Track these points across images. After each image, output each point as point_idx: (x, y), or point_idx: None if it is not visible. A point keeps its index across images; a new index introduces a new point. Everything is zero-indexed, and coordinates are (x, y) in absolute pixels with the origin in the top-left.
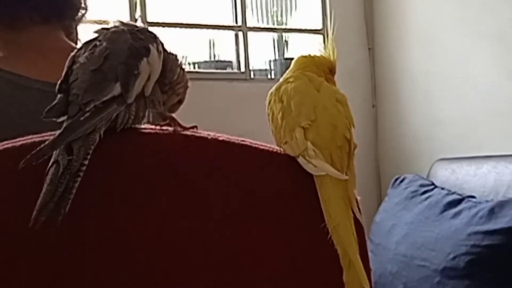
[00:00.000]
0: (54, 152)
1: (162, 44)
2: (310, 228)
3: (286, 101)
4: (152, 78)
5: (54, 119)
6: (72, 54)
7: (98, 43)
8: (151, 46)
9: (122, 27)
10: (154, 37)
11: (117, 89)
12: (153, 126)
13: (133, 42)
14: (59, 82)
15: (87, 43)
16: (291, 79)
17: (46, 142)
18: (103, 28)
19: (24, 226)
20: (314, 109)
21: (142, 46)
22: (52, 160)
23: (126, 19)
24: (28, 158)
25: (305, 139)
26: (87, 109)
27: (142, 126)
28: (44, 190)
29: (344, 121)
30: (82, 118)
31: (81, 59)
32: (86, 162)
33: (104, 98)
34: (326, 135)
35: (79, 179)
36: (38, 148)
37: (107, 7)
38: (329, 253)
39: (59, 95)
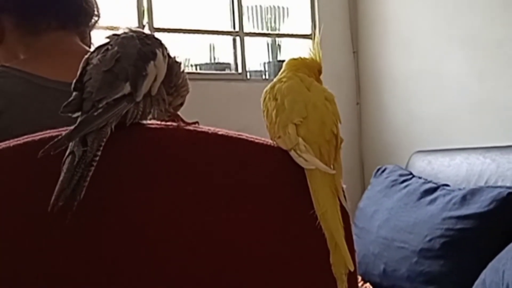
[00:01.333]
0: (70, 144)
1: (167, 50)
2: (300, 214)
3: (280, 99)
4: (158, 79)
5: (70, 115)
6: (86, 56)
7: (110, 47)
8: (157, 51)
9: (131, 33)
10: (160, 43)
11: (127, 88)
12: (159, 122)
13: (141, 47)
14: (74, 81)
15: (99, 47)
16: (284, 79)
17: (63, 134)
18: (114, 34)
19: (43, 212)
20: (305, 106)
21: (149, 50)
22: (68, 151)
23: (134, 25)
24: (46, 148)
25: (297, 135)
26: (100, 105)
27: (149, 122)
28: (61, 178)
29: (332, 117)
30: (95, 113)
31: (94, 61)
32: (99, 153)
33: (116, 96)
34: (316, 130)
35: (93, 168)
36: (56, 139)
37: (117, 15)
38: (318, 236)
39: (74, 93)
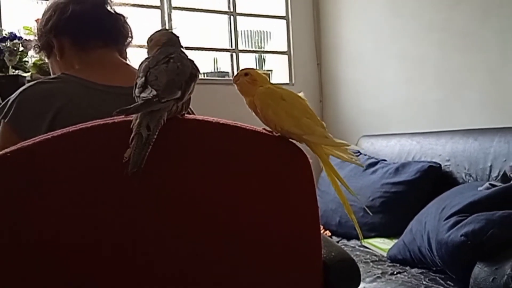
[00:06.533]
0: (137, 128)
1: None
2: (282, 179)
3: (288, 100)
4: (191, 92)
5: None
6: (153, 55)
7: (172, 60)
8: (198, 74)
9: (185, 53)
10: (197, 68)
11: (178, 94)
12: (179, 115)
13: (192, 69)
14: (144, 67)
15: (162, 55)
16: (277, 88)
17: (133, 106)
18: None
19: (113, 174)
20: (305, 108)
21: (194, 74)
22: (134, 132)
23: None
24: (121, 111)
25: (320, 127)
26: (163, 100)
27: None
28: (133, 152)
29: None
30: (157, 102)
31: (162, 66)
32: (155, 136)
33: (173, 97)
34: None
35: (151, 146)
36: (127, 108)
37: (146, 35)
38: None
39: (143, 79)
